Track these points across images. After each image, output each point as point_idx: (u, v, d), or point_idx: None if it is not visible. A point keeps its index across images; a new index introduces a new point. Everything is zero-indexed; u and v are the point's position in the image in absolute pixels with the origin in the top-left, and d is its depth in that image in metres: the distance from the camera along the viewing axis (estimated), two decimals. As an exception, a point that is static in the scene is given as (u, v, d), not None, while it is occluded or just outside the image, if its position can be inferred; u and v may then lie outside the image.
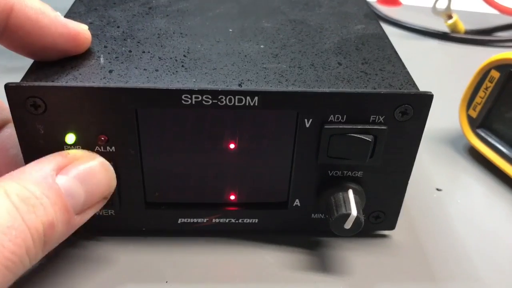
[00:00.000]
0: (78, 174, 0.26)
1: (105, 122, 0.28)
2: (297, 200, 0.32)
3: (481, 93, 0.40)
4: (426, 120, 0.29)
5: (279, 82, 0.28)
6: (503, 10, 0.65)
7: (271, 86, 0.28)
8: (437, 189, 0.39)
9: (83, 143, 0.28)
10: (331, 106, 0.28)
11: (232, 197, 0.32)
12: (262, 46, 0.32)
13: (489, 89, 0.40)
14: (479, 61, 0.41)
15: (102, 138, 0.28)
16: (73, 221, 0.26)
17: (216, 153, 0.30)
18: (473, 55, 0.61)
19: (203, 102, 0.27)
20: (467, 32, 0.65)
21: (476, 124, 0.41)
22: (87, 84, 0.27)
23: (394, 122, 0.28)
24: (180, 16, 0.35)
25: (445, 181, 0.40)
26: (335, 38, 0.33)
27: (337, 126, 0.28)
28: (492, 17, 0.68)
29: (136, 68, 0.28)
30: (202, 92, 0.27)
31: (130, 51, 0.30)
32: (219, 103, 0.27)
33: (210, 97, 0.27)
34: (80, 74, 0.28)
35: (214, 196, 0.32)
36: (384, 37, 0.34)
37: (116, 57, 0.29)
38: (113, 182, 0.28)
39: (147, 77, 0.28)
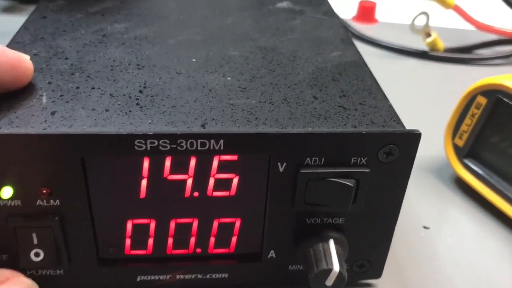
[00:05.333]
0: None
1: (47, 173, 0.24)
2: (272, 251, 0.28)
3: (467, 121, 0.38)
4: (413, 160, 0.26)
5: (247, 121, 0.25)
6: (481, 27, 0.63)
7: (238, 126, 0.24)
8: (424, 227, 0.36)
9: (22, 197, 0.25)
10: (307, 148, 0.25)
11: (198, 250, 0.28)
12: (229, 78, 0.28)
13: (476, 116, 0.37)
14: (460, 80, 0.39)
15: (44, 191, 0.24)
16: None
17: (177, 202, 0.26)
18: (453, 74, 0.58)
19: (160, 147, 0.24)
20: (446, 50, 0.62)
21: (463, 153, 0.38)
22: (23, 131, 0.23)
23: (378, 164, 0.25)
24: (137, 44, 0.31)
25: (432, 218, 0.37)
26: (310, 68, 0.30)
27: (314, 170, 0.25)
28: (471, 34, 0.66)
29: (83, 108, 0.25)
30: (158, 136, 0.23)
31: (77, 88, 0.27)
32: (178, 148, 0.24)
33: (168, 141, 0.24)
34: (17, 117, 0.24)
35: (178, 249, 0.28)
36: (362, 65, 0.31)
37: (61, 95, 0.26)
38: None
39: (95, 119, 0.24)
